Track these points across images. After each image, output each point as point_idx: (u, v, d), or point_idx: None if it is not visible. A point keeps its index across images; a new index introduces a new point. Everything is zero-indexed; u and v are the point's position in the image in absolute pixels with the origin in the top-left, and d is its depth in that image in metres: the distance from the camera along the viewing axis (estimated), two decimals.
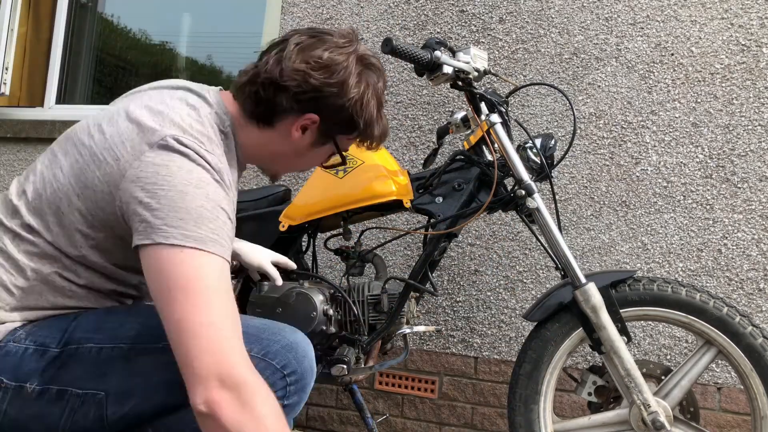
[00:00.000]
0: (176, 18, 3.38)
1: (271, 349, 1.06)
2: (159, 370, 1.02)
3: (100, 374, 1.02)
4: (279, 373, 1.05)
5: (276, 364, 1.05)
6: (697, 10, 2.18)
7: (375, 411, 2.32)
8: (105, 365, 1.02)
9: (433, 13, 2.48)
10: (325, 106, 1.16)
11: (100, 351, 1.03)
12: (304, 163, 1.28)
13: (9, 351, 1.03)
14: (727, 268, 2.06)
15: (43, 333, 1.04)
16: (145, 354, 1.03)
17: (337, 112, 1.17)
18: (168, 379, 1.00)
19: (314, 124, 1.17)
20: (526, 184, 1.57)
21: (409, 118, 2.45)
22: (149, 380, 1.02)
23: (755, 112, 2.09)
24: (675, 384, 1.53)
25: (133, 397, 1.02)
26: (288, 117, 1.16)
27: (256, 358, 1.03)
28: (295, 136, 1.18)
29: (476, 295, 2.29)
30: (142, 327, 1.05)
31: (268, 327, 1.10)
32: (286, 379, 1.06)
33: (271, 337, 1.08)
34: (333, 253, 1.81)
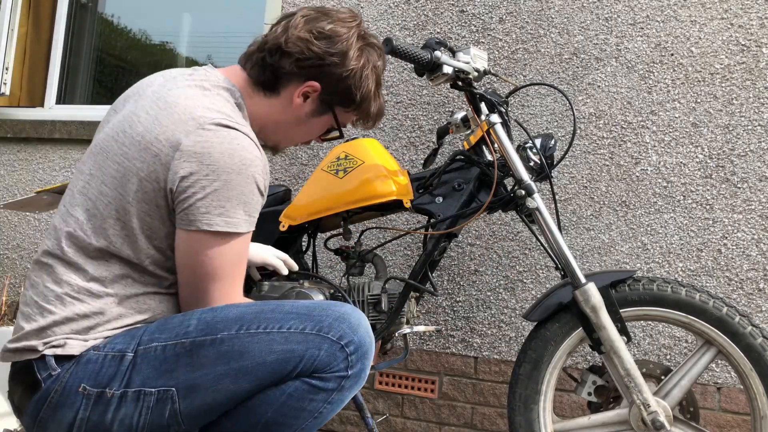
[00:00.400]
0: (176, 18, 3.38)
1: (324, 324, 1.08)
2: (220, 360, 1.05)
3: (168, 371, 1.06)
4: (336, 345, 1.08)
5: (332, 336, 1.08)
6: (697, 10, 2.19)
7: (375, 411, 2.32)
8: (171, 362, 1.06)
9: (433, 13, 2.48)
10: (326, 74, 1.24)
11: (165, 348, 1.07)
12: (304, 132, 1.34)
13: (90, 359, 1.07)
14: (726, 268, 2.06)
15: (120, 340, 1.09)
16: (204, 346, 1.06)
17: (337, 81, 1.25)
18: (230, 368, 1.05)
19: (315, 92, 1.25)
20: (526, 184, 1.57)
21: (409, 118, 2.45)
22: (212, 371, 1.05)
23: (755, 112, 2.10)
24: (675, 384, 1.53)
25: (201, 390, 1.05)
26: (291, 83, 1.25)
27: (311, 335, 1.07)
28: (296, 102, 1.26)
29: (476, 295, 2.29)
30: (199, 321, 1.09)
31: (317, 305, 1.13)
32: (345, 350, 1.08)
33: (321, 313, 1.10)
34: (333, 253, 1.81)
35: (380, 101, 1.36)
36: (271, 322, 1.08)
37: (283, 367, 1.05)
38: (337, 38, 1.24)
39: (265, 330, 1.07)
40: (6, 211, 3.02)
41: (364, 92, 1.29)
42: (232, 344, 1.05)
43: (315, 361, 1.06)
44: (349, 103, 1.30)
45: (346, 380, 1.09)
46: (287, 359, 1.05)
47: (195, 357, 1.05)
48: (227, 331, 1.06)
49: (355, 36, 1.26)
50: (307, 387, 1.07)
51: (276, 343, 1.06)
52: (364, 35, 1.29)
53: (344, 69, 1.24)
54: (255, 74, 1.25)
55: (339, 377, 1.08)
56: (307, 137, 1.36)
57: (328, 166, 1.73)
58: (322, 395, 1.08)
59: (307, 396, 1.07)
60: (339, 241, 2.36)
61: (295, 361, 1.06)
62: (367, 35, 1.30)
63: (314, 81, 1.24)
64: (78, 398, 1.05)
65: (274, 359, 1.05)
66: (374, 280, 1.72)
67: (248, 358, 1.05)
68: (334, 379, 1.08)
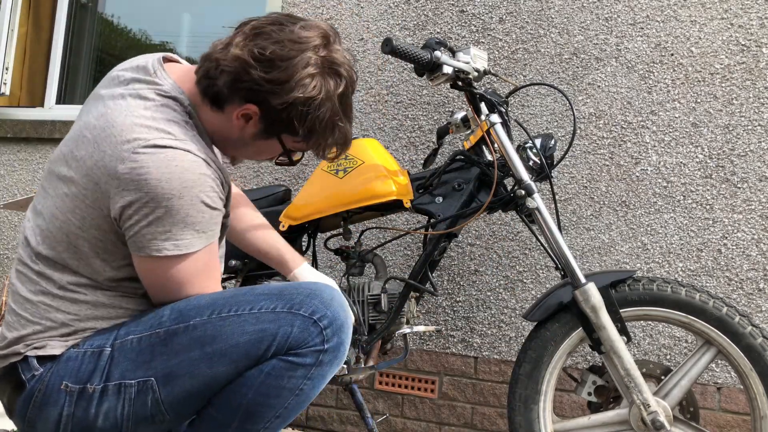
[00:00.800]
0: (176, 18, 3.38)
1: (295, 301, 1.08)
2: (193, 346, 1.06)
3: (145, 361, 1.07)
4: (309, 320, 1.08)
5: (303, 312, 1.08)
6: (697, 10, 2.19)
7: (375, 411, 2.32)
8: (147, 352, 1.07)
9: (433, 13, 2.48)
10: (264, 101, 1.10)
11: (140, 340, 1.08)
12: (253, 153, 1.23)
13: (70, 357, 1.08)
14: (726, 268, 2.06)
15: (98, 336, 1.10)
16: (177, 334, 1.07)
17: (277, 111, 1.11)
18: (204, 352, 1.06)
19: (256, 115, 1.13)
20: (526, 184, 1.57)
21: (409, 118, 2.45)
22: (187, 357, 1.06)
23: (755, 112, 2.10)
24: (675, 384, 1.53)
25: (179, 377, 1.06)
26: (232, 102, 1.12)
27: (282, 313, 1.07)
28: (236, 123, 1.14)
29: (476, 295, 2.29)
30: (172, 311, 1.10)
31: (290, 285, 1.13)
32: (318, 324, 1.08)
33: (293, 291, 1.10)
34: (333, 253, 1.81)
35: (339, 132, 1.18)
36: (243, 305, 1.08)
37: (256, 347, 1.06)
38: (279, 62, 1.08)
39: (236, 312, 1.07)
40: (6, 211, 3.02)
41: (310, 126, 1.13)
42: (205, 329, 1.06)
43: (289, 338, 1.06)
44: (294, 133, 1.15)
45: (323, 354, 1.08)
46: (260, 339, 1.06)
47: (170, 345, 1.06)
48: (199, 317, 1.07)
49: (308, 61, 1.10)
50: (284, 364, 1.07)
51: (248, 323, 1.06)
52: (326, 59, 1.13)
53: (283, 100, 1.09)
54: (201, 86, 1.14)
55: (315, 351, 1.07)
56: (258, 157, 1.25)
57: (328, 166, 1.73)
58: (301, 371, 1.07)
59: (285, 373, 1.07)
60: (339, 241, 2.36)
61: (268, 340, 1.06)
62: (331, 60, 1.13)
63: (252, 105, 1.11)
64: (61, 396, 1.06)
65: (246, 340, 1.05)
66: (374, 280, 1.72)
67: (221, 340, 1.05)
68: (310, 354, 1.07)
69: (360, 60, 2.55)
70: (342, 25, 2.59)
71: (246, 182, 2.64)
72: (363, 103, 2.51)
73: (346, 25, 2.58)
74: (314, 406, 2.40)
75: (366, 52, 2.54)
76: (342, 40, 1.20)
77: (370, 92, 2.51)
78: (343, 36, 2.58)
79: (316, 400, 2.39)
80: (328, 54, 1.13)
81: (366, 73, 2.53)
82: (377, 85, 2.50)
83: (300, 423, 2.40)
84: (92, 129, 1.09)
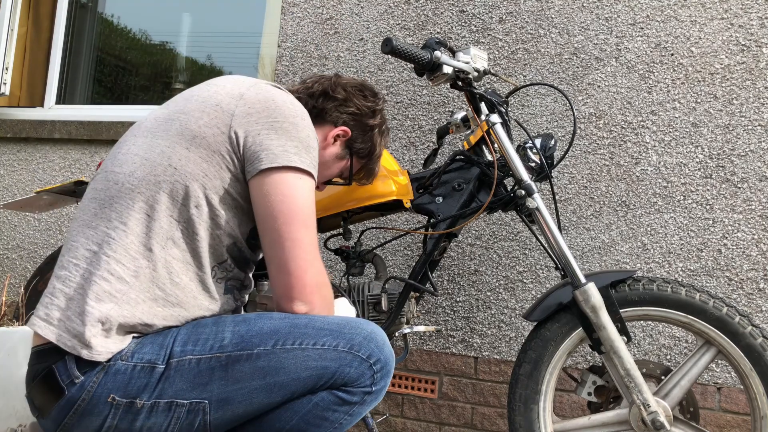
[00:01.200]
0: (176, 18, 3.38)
1: (355, 342, 1.12)
2: (255, 375, 1.07)
3: (202, 384, 1.07)
4: (366, 363, 1.12)
5: (362, 355, 1.12)
6: (697, 10, 2.19)
7: (375, 411, 2.32)
8: (205, 375, 1.07)
9: (433, 13, 2.48)
10: (357, 124, 1.41)
11: (199, 362, 1.08)
12: (321, 174, 1.44)
13: (119, 369, 1.06)
14: (727, 268, 2.06)
15: (148, 349, 1.08)
16: (240, 361, 1.08)
17: (362, 134, 1.43)
18: (266, 383, 1.08)
19: (345, 137, 1.40)
20: (525, 184, 1.57)
21: (409, 118, 2.45)
22: (247, 385, 1.08)
23: (755, 112, 2.10)
24: (675, 384, 1.53)
25: (234, 402, 1.08)
26: (327, 124, 1.39)
27: (344, 352, 1.11)
28: (327, 142, 1.39)
29: (476, 295, 2.29)
30: (233, 335, 1.10)
31: (347, 322, 1.17)
32: (372, 367, 1.13)
33: (352, 331, 1.14)
34: (333, 253, 1.81)
35: (379, 162, 1.53)
36: (306, 338, 1.11)
37: (315, 381, 1.10)
38: (372, 98, 1.44)
39: (300, 346, 1.10)
40: (6, 211, 3.02)
41: (378, 152, 1.48)
42: (269, 359, 1.08)
43: (345, 377, 1.11)
44: (364, 155, 1.46)
45: (369, 395, 1.14)
46: (321, 375, 1.09)
47: (230, 371, 1.07)
48: (263, 345, 1.08)
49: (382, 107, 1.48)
50: (334, 398, 1.11)
51: (311, 359, 1.09)
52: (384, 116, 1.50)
53: (374, 121, 1.43)
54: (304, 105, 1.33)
55: (364, 392, 1.13)
56: (323, 179, 1.46)
57: None
58: (346, 407, 1.12)
59: (332, 407, 1.11)
60: (339, 241, 2.36)
61: (327, 376, 1.10)
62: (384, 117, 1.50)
63: (346, 127, 1.40)
64: (107, 407, 1.05)
65: (308, 375, 1.09)
66: (374, 280, 1.72)
67: (284, 373, 1.08)
68: (359, 393, 1.12)
69: (360, 60, 2.55)
70: (342, 25, 2.59)
71: None
72: None
73: (346, 25, 2.58)
74: None
75: (366, 52, 2.54)
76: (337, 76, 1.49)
77: None
78: (343, 36, 2.58)
79: None
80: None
81: (366, 73, 2.53)
82: (377, 85, 2.50)
83: None
84: (204, 88, 1.21)
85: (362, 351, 1.12)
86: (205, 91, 1.18)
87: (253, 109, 1.14)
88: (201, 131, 1.13)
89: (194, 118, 1.14)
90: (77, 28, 3.36)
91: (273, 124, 1.14)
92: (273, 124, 1.14)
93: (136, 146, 1.16)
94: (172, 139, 1.13)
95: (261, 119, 1.13)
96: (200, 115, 1.14)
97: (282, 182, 1.12)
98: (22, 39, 3.24)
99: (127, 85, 3.48)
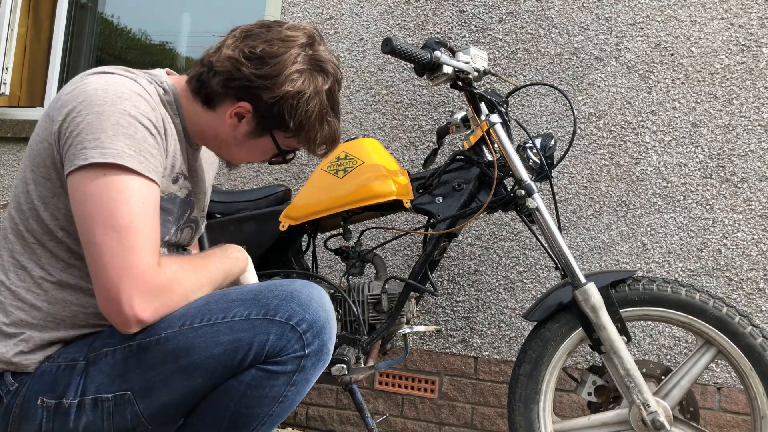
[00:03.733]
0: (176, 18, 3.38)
1: (270, 307, 1.05)
2: (167, 359, 1.03)
3: (120, 375, 1.04)
4: (287, 325, 1.04)
5: (279, 318, 1.04)
6: (697, 10, 2.19)
7: (375, 411, 2.32)
8: (120, 366, 1.04)
9: (433, 13, 2.48)
10: (256, 97, 1.14)
11: (115, 353, 1.05)
12: (246, 153, 1.24)
13: (45, 371, 1.06)
14: (726, 268, 2.06)
15: (73, 349, 1.08)
16: (150, 347, 1.04)
17: (268, 106, 1.15)
18: (179, 365, 1.03)
19: (248, 113, 1.16)
20: (525, 184, 1.57)
21: (409, 118, 2.45)
22: (162, 370, 1.04)
23: (755, 112, 2.10)
24: (675, 384, 1.53)
25: (156, 389, 1.04)
26: (225, 102, 1.16)
27: (257, 320, 1.04)
28: (229, 122, 1.17)
29: (476, 295, 2.29)
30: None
31: (265, 287, 1.09)
32: (296, 329, 1.05)
33: (267, 295, 1.07)
34: (333, 253, 1.81)
35: (329, 128, 1.22)
36: (215, 313, 1.05)
37: (232, 357, 1.03)
38: (269, 59, 1.13)
39: (209, 322, 1.04)
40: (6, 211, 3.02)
41: (300, 120, 1.16)
42: (177, 342, 1.02)
43: (266, 346, 1.03)
44: (285, 128, 1.18)
45: (305, 359, 1.05)
46: (235, 349, 1.03)
47: (143, 359, 1.03)
48: (170, 329, 1.03)
49: (296, 58, 1.14)
50: (264, 373, 1.04)
51: (221, 334, 1.03)
52: (313, 57, 1.17)
53: (274, 94, 1.13)
54: (193, 86, 1.18)
55: (296, 357, 1.05)
56: (251, 158, 1.27)
57: (328, 166, 1.73)
58: (283, 378, 1.05)
59: (266, 383, 1.04)
60: (339, 241, 2.36)
61: (244, 349, 1.03)
62: (317, 58, 1.18)
63: (245, 102, 1.15)
64: (38, 411, 1.04)
65: (221, 351, 1.03)
66: (374, 280, 1.72)
67: (195, 353, 1.02)
68: (291, 361, 1.05)
69: (360, 60, 2.54)
70: (342, 25, 2.59)
71: (246, 182, 2.64)
72: (363, 103, 2.51)
73: (346, 25, 2.58)
74: (314, 406, 2.40)
75: (366, 52, 2.54)
76: (326, 41, 1.25)
77: (370, 92, 2.51)
78: (343, 36, 2.58)
79: (316, 400, 2.39)
80: (314, 53, 1.18)
81: (366, 73, 2.53)
82: (377, 85, 2.50)
83: (300, 423, 2.40)
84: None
85: (280, 314, 1.04)
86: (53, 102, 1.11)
87: (65, 108, 1.03)
88: (36, 147, 1.09)
89: (34, 134, 1.11)
90: (77, 28, 3.36)
91: (76, 119, 1.01)
92: (76, 119, 1.01)
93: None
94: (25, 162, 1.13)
95: (69, 117, 1.02)
96: (37, 130, 1.09)
97: (79, 185, 1.00)
98: (22, 39, 3.24)
99: None
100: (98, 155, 0.99)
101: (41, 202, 1.08)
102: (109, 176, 0.99)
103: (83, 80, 1.07)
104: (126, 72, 1.12)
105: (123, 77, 1.08)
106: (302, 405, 2.41)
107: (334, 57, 1.22)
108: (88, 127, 1.00)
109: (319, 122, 1.19)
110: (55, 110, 1.06)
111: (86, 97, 1.02)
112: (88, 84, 1.05)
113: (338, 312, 1.65)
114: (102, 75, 1.07)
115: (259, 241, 1.70)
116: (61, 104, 1.05)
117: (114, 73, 1.09)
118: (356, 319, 1.63)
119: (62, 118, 1.03)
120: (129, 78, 1.09)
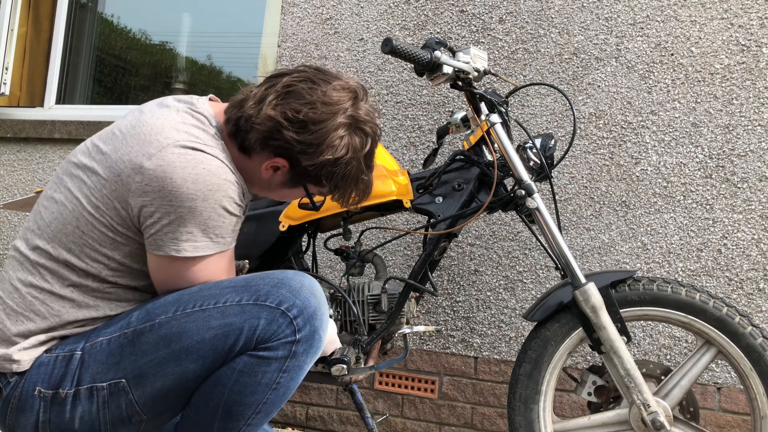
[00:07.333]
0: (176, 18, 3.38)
1: (261, 293, 1.07)
2: (160, 345, 1.06)
3: (114, 363, 1.06)
4: (277, 311, 1.06)
5: (270, 303, 1.06)
6: (697, 10, 2.19)
7: (375, 411, 2.32)
8: (116, 354, 1.07)
9: (433, 13, 2.48)
10: (294, 158, 1.15)
11: (110, 342, 1.08)
12: (279, 196, 1.28)
13: (42, 362, 1.09)
14: (727, 268, 2.06)
15: (71, 340, 1.11)
16: (144, 333, 1.07)
17: (305, 168, 1.15)
18: (171, 350, 1.05)
19: (285, 167, 1.17)
20: (526, 184, 1.57)
21: (409, 118, 2.45)
22: (155, 356, 1.06)
23: (755, 112, 2.10)
24: (675, 384, 1.53)
25: (149, 376, 1.06)
26: (262, 154, 1.16)
27: (248, 305, 1.06)
28: (265, 174, 1.19)
29: (476, 295, 2.29)
30: (140, 310, 1.10)
31: (257, 275, 1.12)
32: (287, 314, 1.07)
33: (259, 282, 1.09)
34: (333, 253, 1.81)
35: (363, 185, 1.23)
36: (208, 299, 1.07)
37: (223, 342, 1.05)
38: (312, 126, 1.11)
39: (201, 308, 1.06)
40: (6, 211, 3.02)
41: (337, 182, 1.19)
42: (170, 326, 1.06)
43: (256, 331, 1.05)
44: (320, 185, 1.21)
45: (296, 345, 1.07)
46: (226, 333, 1.05)
47: (137, 345, 1.06)
48: (164, 314, 1.07)
49: (339, 122, 1.13)
50: (255, 360, 1.05)
51: (213, 318, 1.05)
52: (354, 117, 1.16)
53: (314, 161, 1.13)
54: (230, 130, 1.17)
55: (287, 343, 1.06)
56: (281, 199, 1.31)
57: None
58: (275, 364, 1.06)
59: (258, 369, 1.06)
60: (339, 241, 2.36)
61: (234, 334, 1.05)
62: (358, 118, 1.16)
63: (282, 159, 1.15)
64: (35, 401, 1.07)
65: (212, 335, 1.05)
66: (374, 280, 1.72)
67: (187, 338, 1.05)
68: (282, 347, 1.06)
69: (360, 60, 2.55)
70: (342, 25, 2.59)
71: None
72: None
73: (346, 25, 2.58)
74: (314, 406, 2.40)
75: (366, 52, 2.54)
76: (369, 96, 1.23)
77: (369, 92, 2.51)
78: (343, 36, 2.58)
79: (316, 400, 2.39)
80: (355, 112, 1.17)
81: (366, 73, 2.53)
82: (377, 85, 2.50)
83: (300, 423, 2.40)
84: (123, 128, 1.13)
85: (270, 299, 1.06)
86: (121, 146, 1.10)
87: (149, 188, 1.05)
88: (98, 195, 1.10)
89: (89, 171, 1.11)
90: (77, 28, 3.36)
91: (166, 208, 1.05)
92: (166, 208, 1.05)
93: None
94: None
95: (156, 202, 1.06)
96: (104, 183, 1.10)
97: (167, 266, 1.10)
98: (22, 39, 3.24)
99: (127, 85, 3.48)
100: (191, 249, 1.08)
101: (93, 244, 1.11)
102: (198, 263, 1.10)
103: (164, 152, 1.05)
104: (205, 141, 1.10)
105: (209, 156, 1.08)
106: (302, 405, 2.41)
107: (374, 112, 1.21)
108: (178, 219, 1.06)
109: (354, 183, 1.21)
110: (130, 176, 1.06)
111: (175, 188, 1.04)
112: (174, 167, 1.04)
113: (338, 312, 1.65)
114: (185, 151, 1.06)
115: (259, 241, 1.70)
116: (141, 178, 1.05)
117: (196, 148, 1.07)
118: (356, 319, 1.63)
119: (146, 202, 1.06)
120: (214, 157, 1.08)
